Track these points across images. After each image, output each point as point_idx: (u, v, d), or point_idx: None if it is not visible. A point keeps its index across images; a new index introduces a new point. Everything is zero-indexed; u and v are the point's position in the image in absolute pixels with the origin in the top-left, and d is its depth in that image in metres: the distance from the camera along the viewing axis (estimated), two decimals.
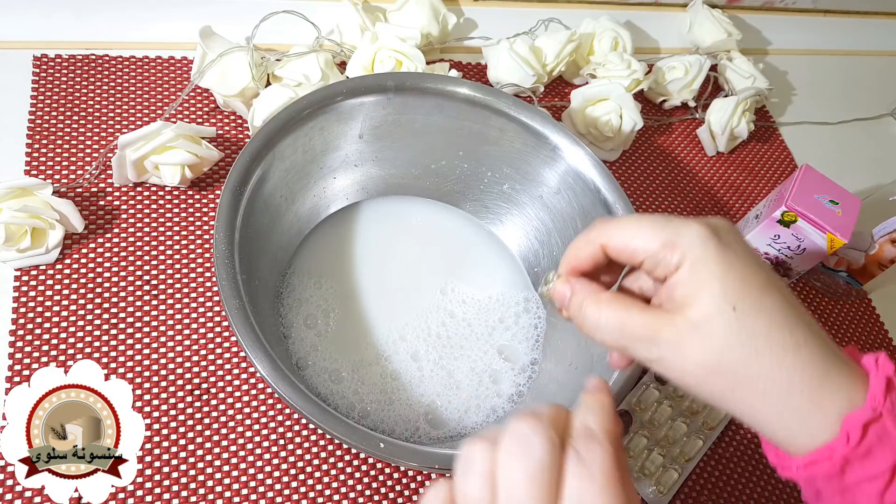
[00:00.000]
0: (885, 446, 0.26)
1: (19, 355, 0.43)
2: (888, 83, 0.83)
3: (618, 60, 0.63)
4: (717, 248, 0.28)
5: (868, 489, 0.27)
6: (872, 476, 0.26)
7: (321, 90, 0.45)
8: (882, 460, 0.26)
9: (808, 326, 0.27)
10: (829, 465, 0.27)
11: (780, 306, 0.27)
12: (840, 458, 0.26)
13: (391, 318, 0.49)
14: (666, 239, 0.28)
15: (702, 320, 0.27)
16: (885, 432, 0.26)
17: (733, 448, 0.52)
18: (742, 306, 0.27)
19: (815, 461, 0.27)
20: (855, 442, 0.26)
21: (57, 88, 0.53)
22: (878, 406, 0.26)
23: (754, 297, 0.27)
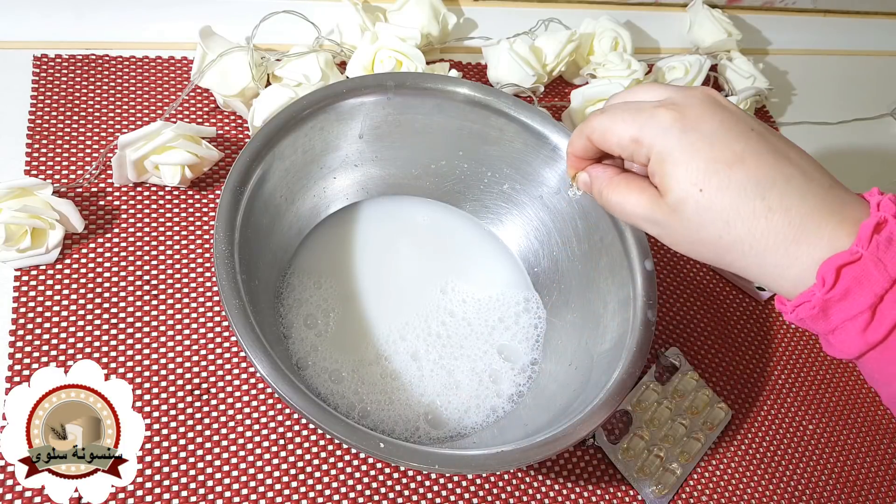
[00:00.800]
0: (862, 286, 0.27)
1: (19, 355, 0.43)
2: (888, 83, 0.83)
3: (618, 60, 0.63)
4: (679, 134, 0.30)
5: (851, 328, 0.28)
6: (853, 316, 0.28)
7: (321, 90, 0.45)
8: (861, 300, 0.28)
9: (785, 188, 0.29)
10: (811, 308, 0.29)
11: (751, 176, 0.29)
12: (819, 300, 0.28)
13: (391, 317, 0.49)
14: (632, 134, 0.31)
15: (676, 204, 0.30)
16: (863, 273, 0.27)
17: (734, 448, 0.52)
18: (708, 186, 0.29)
19: (799, 304, 0.29)
20: (829, 285, 0.28)
21: (57, 88, 0.53)
22: (860, 249, 0.27)
23: (721, 174, 0.29)
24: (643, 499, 0.48)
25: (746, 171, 0.29)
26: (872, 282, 0.27)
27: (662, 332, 0.55)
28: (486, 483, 0.46)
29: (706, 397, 0.53)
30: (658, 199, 0.31)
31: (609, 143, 0.32)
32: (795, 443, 0.54)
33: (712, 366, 0.55)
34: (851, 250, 0.28)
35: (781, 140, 0.31)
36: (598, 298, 0.47)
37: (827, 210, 0.29)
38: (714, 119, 0.30)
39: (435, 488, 0.45)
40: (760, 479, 0.51)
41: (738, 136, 0.30)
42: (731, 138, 0.30)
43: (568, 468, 0.48)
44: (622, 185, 0.33)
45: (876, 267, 0.27)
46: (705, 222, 0.30)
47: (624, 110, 0.32)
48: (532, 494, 0.47)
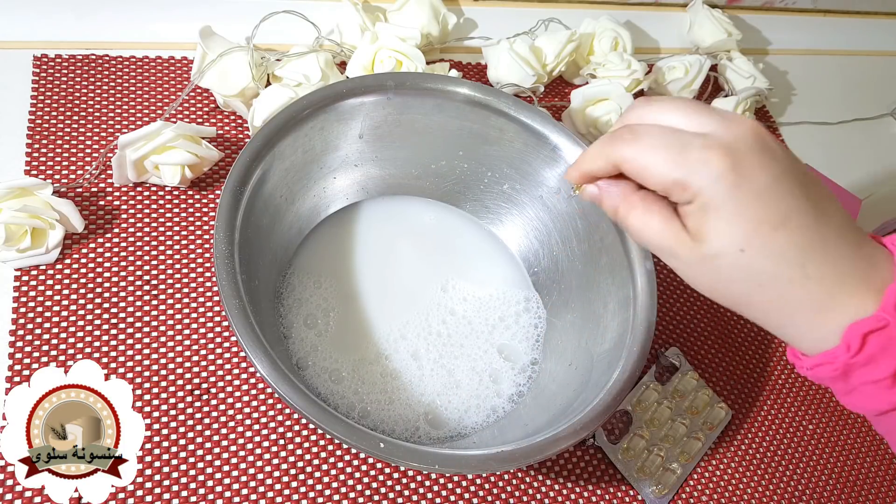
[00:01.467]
0: (888, 354, 0.27)
1: (19, 355, 0.43)
2: (888, 83, 0.83)
3: (618, 60, 0.63)
4: (730, 187, 0.28)
5: (872, 390, 0.28)
6: (876, 380, 0.28)
7: (321, 90, 0.45)
8: (885, 366, 0.28)
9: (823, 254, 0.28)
10: (832, 370, 0.29)
11: (794, 240, 0.28)
12: (842, 364, 0.28)
13: (391, 317, 0.49)
14: (677, 178, 0.28)
15: (710, 256, 0.29)
16: (889, 341, 0.27)
17: (734, 448, 0.52)
18: (751, 247, 0.28)
19: (821, 364, 0.29)
20: (854, 350, 0.28)
21: (57, 88, 0.53)
22: (886, 315, 0.27)
23: (765, 236, 0.28)
24: (643, 499, 0.48)
25: (790, 234, 0.28)
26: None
27: (662, 332, 0.55)
28: (486, 483, 0.46)
29: (706, 397, 0.53)
30: (684, 235, 0.29)
31: (645, 180, 0.30)
32: (795, 443, 0.54)
33: (712, 366, 0.55)
34: (878, 317, 0.27)
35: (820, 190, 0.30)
36: (599, 298, 0.47)
37: (856, 275, 0.28)
38: (766, 172, 0.28)
39: (435, 488, 0.45)
40: (760, 479, 0.51)
41: (786, 193, 0.28)
42: (780, 196, 0.28)
43: (568, 468, 0.48)
44: (640, 206, 0.31)
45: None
46: (737, 280, 0.29)
47: (665, 145, 0.29)
48: (532, 494, 0.47)
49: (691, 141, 0.28)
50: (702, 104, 0.30)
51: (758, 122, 0.30)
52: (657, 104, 0.31)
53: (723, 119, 0.29)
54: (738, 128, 0.29)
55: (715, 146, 0.28)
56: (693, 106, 0.30)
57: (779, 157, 0.29)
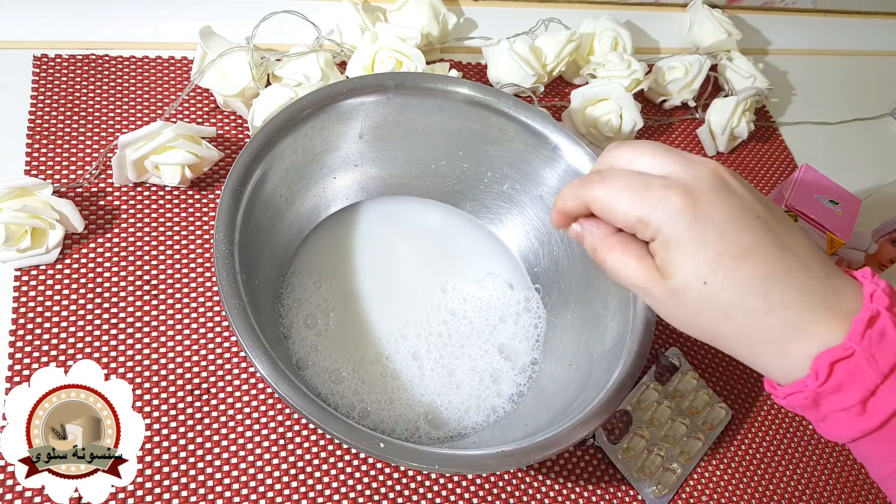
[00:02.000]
0: (855, 382, 0.28)
1: (19, 355, 0.43)
2: (888, 83, 0.83)
3: (618, 60, 0.63)
4: (689, 223, 0.29)
5: (843, 417, 0.29)
6: (845, 408, 0.29)
7: (321, 90, 0.45)
8: (853, 395, 0.28)
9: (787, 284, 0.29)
10: (803, 399, 0.29)
11: (756, 274, 0.29)
12: (812, 392, 0.29)
13: (392, 317, 0.49)
14: (640, 215, 0.30)
15: (677, 290, 0.30)
16: (856, 369, 0.28)
17: (734, 448, 0.52)
18: (713, 279, 0.29)
19: (792, 393, 0.30)
20: (822, 379, 0.28)
21: (57, 88, 0.53)
22: (853, 345, 0.28)
23: (727, 268, 0.29)
24: (643, 499, 0.48)
25: (751, 266, 0.29)
26: (864, 377, 0.28)
27: (662, 332, 0.55)
28: (486, 483, 0.46)
29: (706, 397, 0.53)
30: (656, 275, 0.31)
31: (612, 219, 0.31)
32: (795, 443, 0.54)
33: (712, 366, 0.55)
34: (845, 345, 0.28)
35: (784, 224, 0.31)
36: (599, 298, 0.47)
37: (823, 304, 0.29)
38: (724, 207, 0.29)
39: (435, 488, 0.45)
40: (760, 479, 0.51)
41: (745, 226, 0.29)
42: (740, 229, 0.29)
43: (568, 468, 0.48)
44: (618, 247, 0.32)
45: (868, 363, 0.28)
46: (704, 312, 0.30)
47: (629, 186, 0.30)
48: (532, 494, 0.47)
49: (653, 181, 0.30)
50: (666, 148, 0.32)
51: (717, 163, 0.31)
52: (625, 149, 0.32)
53: (685, 160, 0.31)
54: (699, 168, 0.30)
55: (674, 185, 0.30)
56: (658, 149, 0.31)
57: (738, 194, 0.30)
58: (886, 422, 0.28)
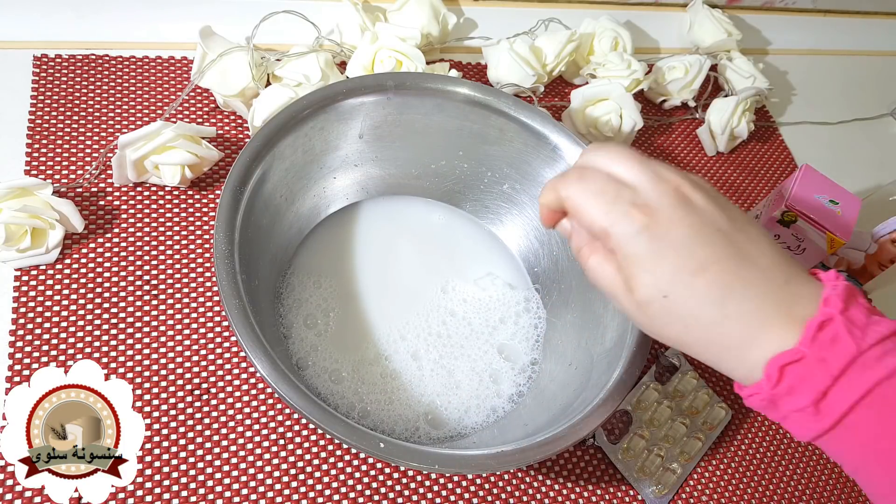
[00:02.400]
0: (805, 384, 0.29)
1: (19, 355, 0.43)
2: (888, 83, 0.83)
3: (618, 60, 0.63)
4: (648, 241, 0.31)
5: (799, 418, 0.30)
6: (799, 409, 0.30)
7: (321, 90, 0.45)
8: (805, 396, 0.29)
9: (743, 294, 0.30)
10: (760, 400, 0.31)
11: (712, 284, 0.30)
12: (767, 394, 0.30)
13: (392, 317, 0.49)
14: (603, 227, 0.31)
15: (640, 304, 0.32)
16: (806, 372, 0.29)
17: (734, 448, 0.52)
18: (673, 293, 0.31)
19: (751, 395, 0.31)
20: (773, 382, 0.30)
21: (57, 88, 0.53)
22: (804, 348, 0.29)
23: (685, 283, 0.30)
24: (643, 499, 0.48)
25: (708, 279, 0.30)
26: (815, 380, 0.29)
27: None
28: (486, 483, 0.46)
29: (706, 397, 0.53)
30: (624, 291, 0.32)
31: (580, 221, 0.33)
32: (795, 443, 0.54)
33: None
34: (795, 350, 0.29)
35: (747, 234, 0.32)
36: (598, 298, 0.47)
37: (779, 311, 0.30)
38: (682, 224, 0.31)
39: (435, 488, 0.45)
40: (760, 479, 0.51)
41: (703, 241, 0.31)
42: (698, 245, 0.31)
43: (568, 468, 0.48)
44: (601, 252, 0.33)
45: (818, 366, 0.29)
46: (667, 324, 0.32)
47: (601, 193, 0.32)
48: (532, 494, 0.47)
49: (622, 194, 0.31)
50: (640, 159, 0.33)
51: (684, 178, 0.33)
52: (604, 152, 0.33)
53: (652, 176, 0.32)
54: (663, 186, 0.31)
55: (639, 203, 0.31)
56: (631, 159, 0.32)
57: (700, 210, 0.31)
58: (839, 421, 0.29)
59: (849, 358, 0.29)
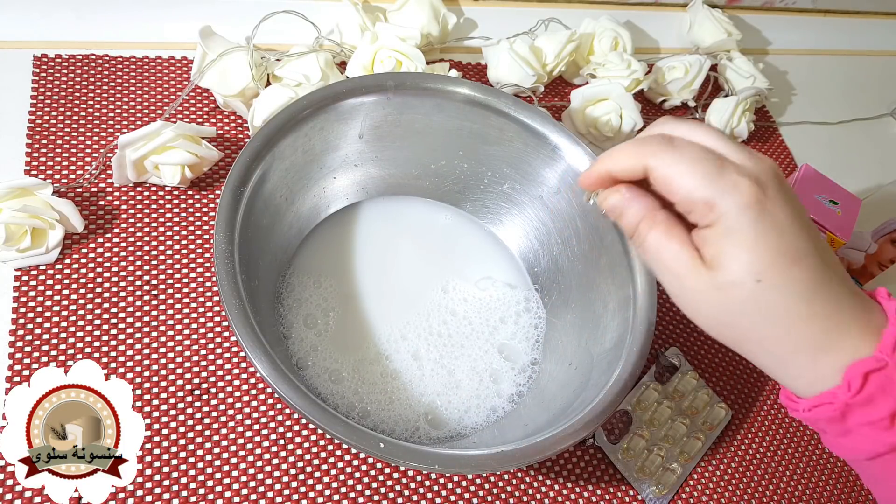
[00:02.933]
0: (887, 394, 0.28)
1: (19, 355, 0.43)
2: (888, 83, 0.83)
3: (618, 60, 0.63)
4: (755, 217, 0.28)
5: (868, 431, 0.29)
6: (873, 421, 0.28)
7: (321, 90, 0.45)
8: (884, 407, 0.28)
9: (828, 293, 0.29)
10: (832, 410, 0.29)
11: (807, 276, 0.28)
12: (842, 403, 0.28)
13: (392, 317, 0.49)
14: (707, 197, 0.28)
15: (725, 285, 0.28)
16: (888, 381, 0.28)
17: (734, 448, 0.52)
18: (767, 278, 0.28)
19: (819, 405, 0.29)
20: (855, 390, 0.28)
21: (57, 88, 0.53)
22: (885, 356, 0.28)
23: (782, 269, 0.28)
24: (643, 499, 0.48)
25: (803, 271, 0.28)
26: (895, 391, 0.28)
27: (662, 332, 0.55)
28: (486, 483, 0.46)
29: (706, 397, 0.53)
30: (698, 262, 0.29)
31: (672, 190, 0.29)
32: (795, 443, 0.54)
33: (712, 366, 0.55)
34: (877, 357, 0.28)
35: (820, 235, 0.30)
36: (598, 298, 0.47)
37: (856, 316, 0.29)
38: (787, 207, 0.29)
39: (435, 488, 0.45)
40: (760, 479, 0.51)
41: (801, 230, 0.29)
42: (797, 232, 0.28)
43: (568, 468, 0.48)
44: (664, 225, 0.30)
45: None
46: (748, 312, 0.29)
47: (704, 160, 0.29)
48: (532, 494, 0.47)
49: (727, 164, 0.29)
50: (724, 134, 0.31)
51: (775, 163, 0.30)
52: (688, 124, 0.31)
53: (748, 152, 0.30)
54: (763, 163, 0.29)
55: (747, 175, 0.28)
56: (716, 133, 0.30)
57: (794, 198, 0.29)
58: None
59: None
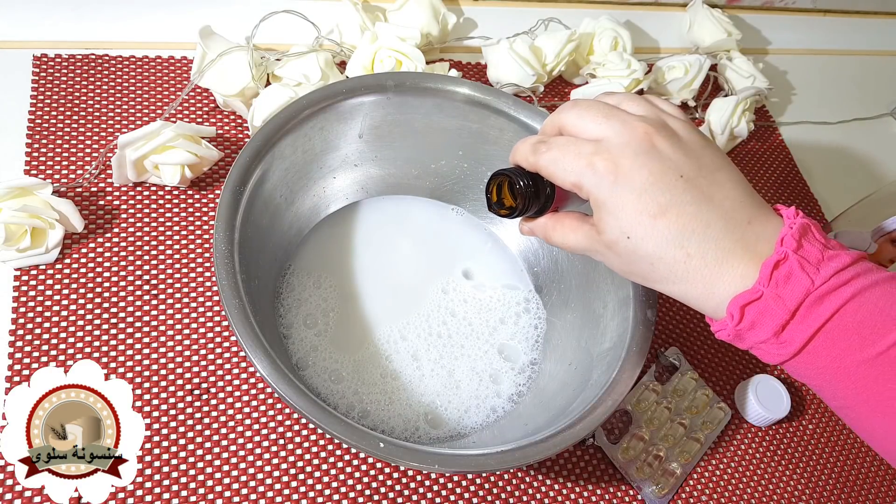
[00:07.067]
0: (765, 319, 0.32)
1: (19, 355, 0.43)
2: (888, 83, 0.83)
3: (618, 60, 0.63)
4: (611, 187, 0.33)
5: (764, 348, 0.34)
6: (763, 340, 0.33)
7: (321, 90, 0.45)
8: (766, 330, 0.32)
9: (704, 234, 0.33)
10: (726, 335, 0.34)
11: (672, 227, 0.33)
12: (732, 331, 0.33)
13: (392, 317, 0.49)
14: (573, 181, 0.34)
15: (610, 244, 0.34)
16: (765, 308, 0.32)
17: (733, 448, 0.52)
18: (634, 235, 0.33)
19: (718, 330, 0.34)
20: (737, 320, 0.33)
21: (57, 88, 0.53)
22: (761, 288, 0.32)
23: (645, 225, 0.33)
24: (643, 499, 0.48)
25: (668, 222, 0.32)
26: (773, 315, 0.32)
27: (662, 332, 0.55)
28: (486, 483, 0.46)
29: (706, 397, 0.53)
30: (593, 232, 0.35)
31: (557, 183, 0.35)
32: (795, 443, 0.54)
33: (712, 366, 0.55)
34: (754, 289, 0.32)
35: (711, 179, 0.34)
36: (598, 298, 0.47)
37: (742, 250, 0.33)
38: (644, 170, 0.33)
39: (435, 488, 0.45)
40: (760, 479, 0.51)
41: (664, 187, 0.33)
42: (658, 190, 0.33)
43: (568, 468, 0.48)
44: (556, 225, 0.37)
45: (775, 302, 0.32)
46: (634, 261, 0.34)
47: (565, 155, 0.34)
48: (532, 494, 0.47)
49: (583, 149, 0.34)
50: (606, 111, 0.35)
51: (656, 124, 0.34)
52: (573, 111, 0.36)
53: (621, 124, 0.34)
54: (630, 133, 0.33)
55: (601, 152, 0.33)
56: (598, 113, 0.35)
57: (664, 156, 0.33)
58: (800, 350, 0.32)
59: (802, 294, 0.31)
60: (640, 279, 0.35)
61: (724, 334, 0.34)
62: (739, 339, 0.34)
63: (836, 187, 0.70)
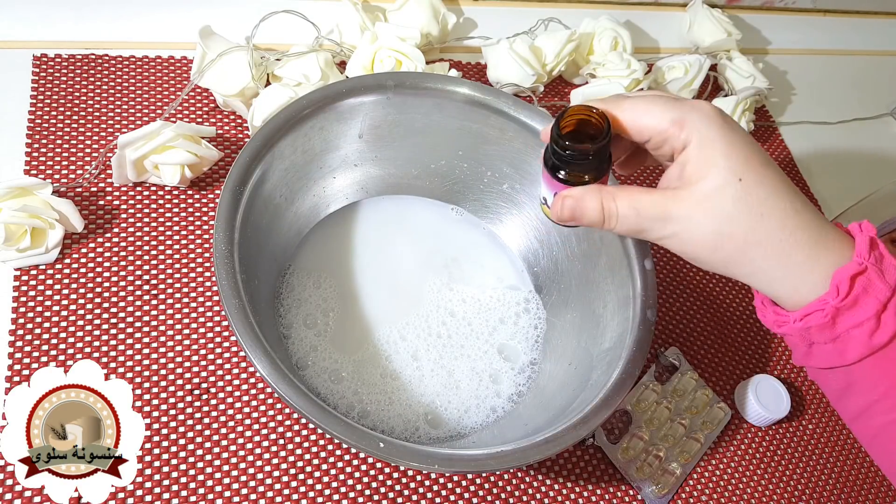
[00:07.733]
0: (869, 296, 0.30)
1: (19, 355, 0.43)
2: (888, 83, 0.83)
3: (617, 60, 0.63)
4: (721, 127, 0.31)
5: (856, 334, 0.30)
6: (859, 323, 0.30)
7: (321, 90, 0.45)
8: (868, 308, 0.30)
9: (802, 197, 0.31)
10: (822, 316, 0.30)
11: (779, 179, 0.31)
12: (832, 308, 0.30)
13: (392, 317, 0.49)
14: (675, 117, 0.31)
15: (712, 191, 0.30)
16: (869, 283, 0.30)
17: (733, 448, 0.52)
18: (747, 178, 0.30)
19: (810, 312, 0.31)
20: (844, 293, 0.30)
21: (57, 88, 0.53)
22: (864, 261, 0.30)
23: (756, 170, 0.30)
24: (643, 499, 0.48)
25: (773, 174, 0.31)
26: (877, 290, 0.29)
27: (662, 332, 0.55)
28: (486, 483, 0.46)
29: (706, 397, 0.53)
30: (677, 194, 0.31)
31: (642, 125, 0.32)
32: (795, 443, 0.54)
33: (712, 366, 0.55)
34: (857, 261, 0.30)
35: None
36: (598, 298, 0.47)
37: (829, 225, 0.31)
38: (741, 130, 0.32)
39: (435, 488, 0.45)
40: (760, 478, 0.51)
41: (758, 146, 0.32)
42: (757, 145, 0.31)
43: (568, 468, 0.48)
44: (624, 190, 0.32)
45: (878, 277, 0.30)
46: (739, 213, 0.30)
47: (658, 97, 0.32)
48: (532, 494, 0.47)
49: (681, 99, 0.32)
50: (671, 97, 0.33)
51: None
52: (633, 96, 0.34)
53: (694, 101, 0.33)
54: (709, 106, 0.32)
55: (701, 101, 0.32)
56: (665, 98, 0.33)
57: None
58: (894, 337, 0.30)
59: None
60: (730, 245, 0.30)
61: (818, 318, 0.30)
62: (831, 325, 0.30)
63: (836, 187, 0.70)
